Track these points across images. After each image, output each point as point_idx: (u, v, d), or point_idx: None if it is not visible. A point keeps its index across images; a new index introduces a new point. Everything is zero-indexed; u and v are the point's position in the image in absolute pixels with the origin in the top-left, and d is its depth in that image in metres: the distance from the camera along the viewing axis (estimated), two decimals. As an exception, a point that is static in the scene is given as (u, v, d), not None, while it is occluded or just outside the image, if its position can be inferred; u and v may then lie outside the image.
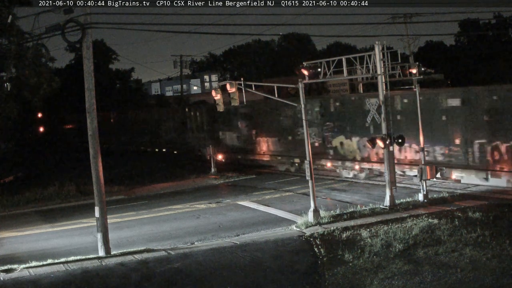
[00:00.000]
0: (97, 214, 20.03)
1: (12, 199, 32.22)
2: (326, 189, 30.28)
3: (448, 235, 18.94)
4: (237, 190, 32.42)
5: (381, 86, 24.33)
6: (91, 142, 20.08)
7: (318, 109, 35.16)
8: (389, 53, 24.80)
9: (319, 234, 20.65)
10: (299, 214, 23.88)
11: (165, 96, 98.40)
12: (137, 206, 29.64)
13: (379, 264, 16.89)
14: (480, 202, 23.58)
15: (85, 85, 20.11)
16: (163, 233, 23.35)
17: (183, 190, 33.79)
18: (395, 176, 24.94)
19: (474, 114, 26.89)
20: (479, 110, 26.72)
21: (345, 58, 25.33)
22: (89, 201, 28.12)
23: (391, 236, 19.33)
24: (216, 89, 25.68)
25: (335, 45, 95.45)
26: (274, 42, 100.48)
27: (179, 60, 68.35)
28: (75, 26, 19.33)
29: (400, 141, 24.36)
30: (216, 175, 37.59)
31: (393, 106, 28.67)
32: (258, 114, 41.07)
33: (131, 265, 18.44)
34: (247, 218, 24.95)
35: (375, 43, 24.61)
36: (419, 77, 27.12)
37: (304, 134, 23.68)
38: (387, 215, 22.67)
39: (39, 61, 30.81)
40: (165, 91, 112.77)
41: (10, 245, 23.00)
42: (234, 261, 18.41)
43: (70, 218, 27.55)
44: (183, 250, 19.95)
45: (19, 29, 29.94)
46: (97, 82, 21.21)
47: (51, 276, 17.70)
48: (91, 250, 20.35)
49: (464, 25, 72.54)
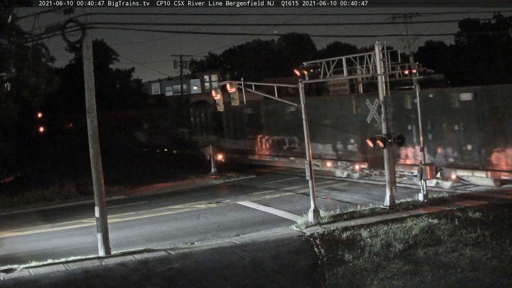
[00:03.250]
0: (97, 214, 20.03)
1: (12, 199, 32.19)
2: (326, 189, 30.29)
3: (448, 235, 18.94)
4: (237, 190, 32.43)
5: (381, 86, 24.34)
6: (91, 142, 20.08)
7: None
8: (389, 53, 24.79)
9: (319, 234, 20.65)
10: (299, 214, 23.88)
11: (165, 96, 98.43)
12: (137, 206, 29.65)
13: (379, 264, 16.89)
14: (480, 202, 23.59)
15: (85, 85, 20.11)
16: (163, 233, 23.35)
17: (183, 190, 33.79)
18: (395, 176, 24.95)
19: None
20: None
21: (345, 58, 25.35)
22: (89, 201, 28.09)
23: (391, 236, 19.33)
24: (216, 89, 25.68)
25: (335, 45, 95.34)
26: (274, 42, 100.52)
27: (179, 60, 68.23)
28: (75, 26, 19.32)
29: (400, 141, 24.38)
30: (216, 175, 37.58)
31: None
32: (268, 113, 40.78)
33: (131, 265, 18.44)
34: (247, 218, 24.95)
35: (375, 43, 24.62)
36: (419, 77, 27.12)
37: (304, 134, 23.67)
38: (387, 215, 22.68)
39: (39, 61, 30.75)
40: (165, 91, 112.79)
41: (10, 245, 23.00)
42: (234, 261, 18.40)
43: (70, 218, 27.55)
44: (183, 250, 19.94)
45: (19, 29, 29.90)
46: (97, 82, 21.20)
47: (51, 276, 17.70)
48: (91, 250, 20.35)
49: (464, 25, 72.56)
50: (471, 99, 26.91)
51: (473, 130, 26.85)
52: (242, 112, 42.28)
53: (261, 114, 41.56)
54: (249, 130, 42.97)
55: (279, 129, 39.53)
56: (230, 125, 45.38)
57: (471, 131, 26.92)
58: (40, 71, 30.85)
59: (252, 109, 41.86)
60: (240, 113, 42.75)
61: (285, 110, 37.81)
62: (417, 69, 26.62)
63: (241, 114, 43.22)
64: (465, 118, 27.14)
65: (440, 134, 28.32)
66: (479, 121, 26.56)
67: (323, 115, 34.89)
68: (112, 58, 77.48)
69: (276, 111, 39.17)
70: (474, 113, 26.80)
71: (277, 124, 39.90)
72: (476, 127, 26.66)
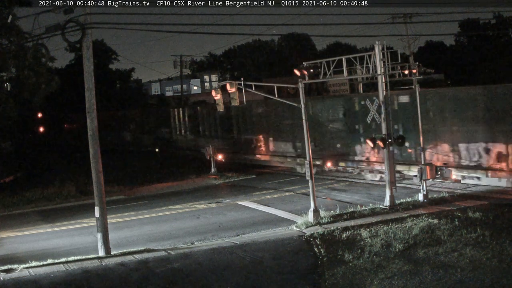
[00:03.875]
0: (97, 214, 20.03)
1: (12, 199, 32.20)
2: (326, 189, 30.29)
3: (448, 235, 18.93)
4: (237, 190, 32.43)
5: (381, 86, 24.33)
6: (91, 142, 20.09)
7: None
8: (389, 53, 24.79)
9: (319, 234, 20.66)
10: (299, 214, 23.88)
11: (165, 96, 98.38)
12: (137, 206, 29.64)
13: (379, 264, 16.89)
14: (480, 202, 23.59)
15: (85, 85, 20.11)
16: (163, 233, 23.35)
17: (183, 190, 33.79)
18: (395, 176, 24.96)
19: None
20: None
21: (345, 58, 25.34)
22: (89, 201, 28.11)
23: (391, 236, 19.33)
24: (216, 89, 25.68)
25: (335, 45, 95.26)
26: (274, 42, 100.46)
27: (179, 60, 68.38)
28: (75, 26, 19.32)
29: (400, 141, 24.38)
30: (216, 175, 37.59)
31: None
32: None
33: (131, 265, 18.44)
34: (247, 218, 24.95)
35: (375, 43, 24.61)
36: (419, 77, 27.13)
37: (304, 134, 23.67)
38: (387, 215, 22.68)
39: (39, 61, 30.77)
40: (165, 91, 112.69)
41: (10, 245, 23.00)
42: (234, 261, 18.40)
43: (70, 218, 27.55)
44: (183, 250, 19.95)
45: (19, 29, 29.91)
46: (97, 82, 21.20)
47: (51, 276, 17.70)
48: (91, 250, 20.35)
49: (464, 25, 72.59)
50: (408, 101, 29.37)
51: (410, 129, 29.11)
52: (216, 113, 44.42)
53: (231, 115, 43.89)
54: (221, 129, 45.74)
55: (247, 129, 42.41)
56: (205, 125, 48.30)
57: (408, 130, 29.14)
58: (40, 71, 30.87)
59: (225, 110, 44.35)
60: (214, 114, 45.22)
61: (252, 111, 41.03)
62: (417, 69, 26.63)
63: (215, 115, 45.61)
64: (404, 118, 29.78)
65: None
66: (415, 121, 28.27)
67: (287, 117, 37.83)
68: (112, 58, 77.40)
69: (246, 111, 41.18)
70: (410, 113, 28.78)
71: (246, 124, 42.67)
72: (412, 127, 28.73)
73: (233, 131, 43.95)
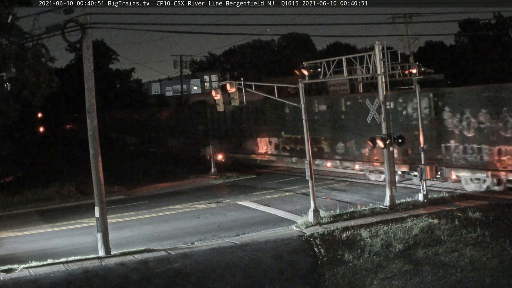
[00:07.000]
0: (97, 214, 20.03)
1: (12, 199, 32.19)
2: (326, 189, 30.29)
3: (448, 235, 18.94)
4: (237, 190, 32.43)
5: (381, 86, 24.33)
6: (91, 142, 20.08)
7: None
8: (389, 53, 24.80)
9: (319, 234, 20.66)
10: (299, 214, 23.88)
11: (165, 96, 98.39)
12: (137, 206, 29.64)
13: (379, 264, 16.89)
14: (480, 202, 23.59)
15: (85, 85, 20.11)
16: (163, 233, 23.35)
17: (183, 190, 33.78)
18: (395, 176, 24.95)
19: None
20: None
21: (345, 58, 25.34)
22: (89, 201, 28.11)
23: (391, 236, 19.33)
24: (216, 89, 25.69)
25: (335, 45, 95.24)
26: (274, 42, 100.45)
27: (179, 60, 68.31)
28: (75, 26, 19.32)
29: (400, 141, 24.36)
30: (216, 175, 37.58)
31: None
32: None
33: (131, 265, 18.44)
34: (247, 218, 24.95)
35: (375, 43, 24.61)
36: (419, 77, 27.12)
37: (304, 134, 23.68)
38: (387, 215, 22.68)
39: (39, 61, 30.78)
40: (165, 91, 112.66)
41: (10, 245, 23.00)
42: (234, 261, 18.41)
43: (70, 218, 27.54)
44: (183, 250, 19.95)
45: (19, 29, 29.93)
46: (97, 82, 21.20)
47: (51, 276, 17.70)
48: (91, 250, 20.35)
49: (464, 25, 72.51)
50: (325, 109, 34.43)
51: (328, 131, 33.84)
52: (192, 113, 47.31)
53: (207, 117, 46.37)
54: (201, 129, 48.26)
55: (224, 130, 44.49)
56: (188, 125, 50.72)
57: (327, 131, 34.00)
58: (40, 71, 30.88)
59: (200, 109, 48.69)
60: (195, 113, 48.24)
61: (226, 115, 43.23)
62: (417, 69, 26.64)
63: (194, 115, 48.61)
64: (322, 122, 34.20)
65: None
66: (333, 123, 33.80)
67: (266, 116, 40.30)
68: (112, 58, 77.43)
69: (222, 114, 42.43)
70: (328, 118, 33.87)
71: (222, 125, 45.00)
72: (329, 130, 33.72)
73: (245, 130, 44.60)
